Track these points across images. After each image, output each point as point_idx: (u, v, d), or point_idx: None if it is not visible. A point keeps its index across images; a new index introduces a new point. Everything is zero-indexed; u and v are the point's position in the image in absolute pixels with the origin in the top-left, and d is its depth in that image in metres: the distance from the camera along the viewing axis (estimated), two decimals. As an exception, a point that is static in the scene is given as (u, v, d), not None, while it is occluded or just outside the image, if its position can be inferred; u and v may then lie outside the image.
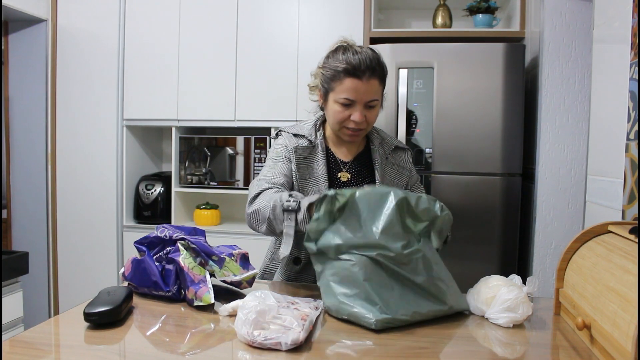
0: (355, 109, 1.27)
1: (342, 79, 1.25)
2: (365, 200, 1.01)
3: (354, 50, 1.27)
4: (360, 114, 1.27)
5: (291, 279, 1.37)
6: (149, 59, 2.76)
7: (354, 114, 1.27)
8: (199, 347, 0.88)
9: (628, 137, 1.36)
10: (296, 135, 1.37)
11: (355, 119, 1.27)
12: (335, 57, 1.28)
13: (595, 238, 1.03)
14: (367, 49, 1.29)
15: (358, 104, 1.26)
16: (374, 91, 1.27)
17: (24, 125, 2.85)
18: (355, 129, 1.29)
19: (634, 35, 1.34)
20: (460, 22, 2.77)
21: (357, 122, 1.27)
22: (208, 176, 2.79)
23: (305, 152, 1.35)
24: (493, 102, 2.24)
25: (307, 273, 1.36)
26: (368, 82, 1.25)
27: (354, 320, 0.98)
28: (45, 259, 2.85)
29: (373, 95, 1.27)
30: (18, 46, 2.82)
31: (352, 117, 1.27)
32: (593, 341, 0.87)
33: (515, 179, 2.25)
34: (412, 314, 0.98)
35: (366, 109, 1.28)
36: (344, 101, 1.26)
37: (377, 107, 1.31)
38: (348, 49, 1.28)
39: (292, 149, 1.33)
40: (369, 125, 1.32)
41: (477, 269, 2.20)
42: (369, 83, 1.25)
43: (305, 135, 1.36)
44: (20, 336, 0.90)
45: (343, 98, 1.26)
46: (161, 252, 1.16)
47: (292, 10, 2.61)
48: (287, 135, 1.37)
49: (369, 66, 1.24)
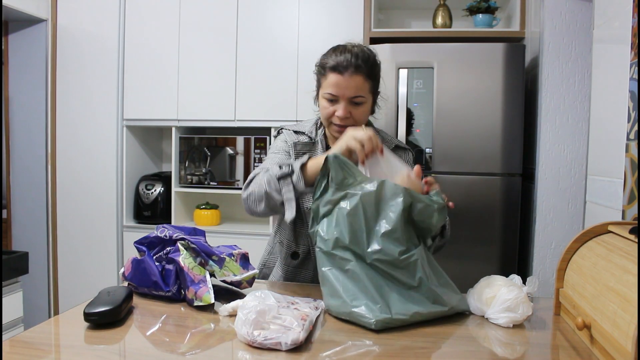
0: (339, 104, 1.28)
1: (326, 75, 1.28)
2: (374, 195, 1.01)
3: (345, 49, 1.29)
4: (344, 110, 1.27)
5: (289, 273, 1.38)
6: (149, 59, 2.76)
7: (338, 110, 1.28)
8: (199, 347, 0.88)
9: (628, 137, 1.36)
10: (297, 133, 1.39)
11: (339, 114, 1.28)
12: (327, 54, 1.31)
13: (595, 238, 1.03)
14: (361, 47, 1.31)
15: (341, 99, 1.28)
16: (358, 87, 1.27)
17: (24, 125, 2.85)
18: (341, 125, 1.30)
19: (634, 35, 1.34)
20: (460, 22, 2.77)
21: (340, 118, 1.28)
22: (208, 176, 2.79)
23: (305, 148, 1.36)
24: (493, 102, 2.24)
25: (305, 268, 1.37)
26: (351, 78, 1.26)
27: (353, 320, 0.98)
28: (45, 259, 2.85)
29: (356, 92, 1.27)
30: (18, 46, 2.82)
31: (336, 113, 1.29)
32: (593, 341, 0.87)
33: (515, 179, 2.25)
34: (412, 315, 0.98)
35: (352, 106, 1.29)
36: (328, 96, 1.29)
37: (364, 104, 1.30)
38: (341, 47, 1.30)
39: (291, 144, 1.36)
40: (356, 122, 1.31)
41: (477, 269, 2.20)
42: (351, 79, 1.26)
43: (306, 132, 1.38)
44: (20, 336, 0.90)
45: (327, 93, 1.28)
46: (161, 252, 1.16)
47: (292, 10, 2.61)
48: (288, 132, 1.40)
49: (353, 62, 1.26)
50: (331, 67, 1.27)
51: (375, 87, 1.34)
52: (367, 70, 1.28)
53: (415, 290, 1.00)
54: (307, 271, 1.37)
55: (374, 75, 1.31)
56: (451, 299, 1.03)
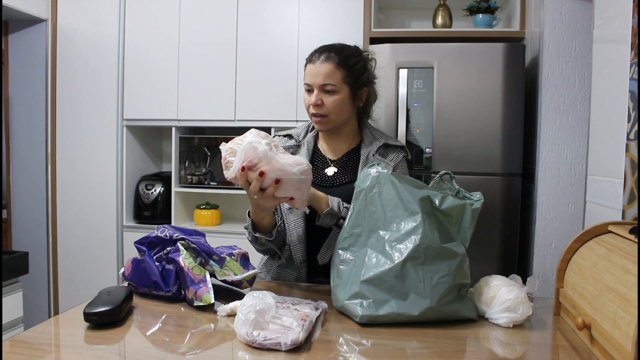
0: (313, 93, 1.31)
1: (305, 67, 1.35)
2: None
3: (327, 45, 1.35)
4: (315, 98, 1.30)
5: (274, 272, 1.39)
6: (149, 59, 2.76)
7: (311, 98, 1.31)
8: (199, 347, 0.88)
9: (628, 137, 1.36)
10: (286, 136, 1.44)
11: (311, 102, 1.31)
12: None
13: (595, 238, 1.03)
14: (345, 44, 1.36)
15: (314, 87, 1.31)
16: (327, 74, 1.29)
17: (24, 125, 2.85)
18: (317, 114, 1.32)
19: (634, 35, 1.34)
20: (460, 22, 2.77)
21: (312, 105, 1.31)
22: (208, 176, 2.78)
23: (289, 151, 1.38)
24: (493, 102, 2.24)
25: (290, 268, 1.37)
26: (321, 65, 1.30)
27: (344, 313, 1.01)
28: (45, 259, 2.85)
29: (326, 79, 1.29)
30: (18, 46, 2.82)
31: (310, 102, 1.32)
32: (593, 341, 0.87)
33: (515, 179, 2.25)
34: (419, 314, 0.98)
35: (324, 94, 1.31)
36: (305, 87, 1.34)
37: (337, 93, 1.31)
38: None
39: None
40: (330, 112, 1.32)
41: (477, 269, 2.18)
42: (321, 66, 1.30)
43: (294, 136, 1.43)
44: (20, 336, 0.90)
45: (304, 84, 1.34)
46: (161, 252, 1.16)
47: (292, 10, 2.60)
48: (278, 138, 1.45)
49: (323, 50, 1.32)
50: (307, 59, 1.34)
51: (352, 77, 1.33)
52: (338, 58, 1.31)
53: (415, 292, 1.00)
54: (291, 272, 1.37)
55: (349, 65, 1.32)
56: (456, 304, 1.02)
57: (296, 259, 1.33)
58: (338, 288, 1.05)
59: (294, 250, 1.32)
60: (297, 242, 1.32)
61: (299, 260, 1.32)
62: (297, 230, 1.32)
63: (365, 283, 0.99)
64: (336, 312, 1.05)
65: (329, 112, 1.32)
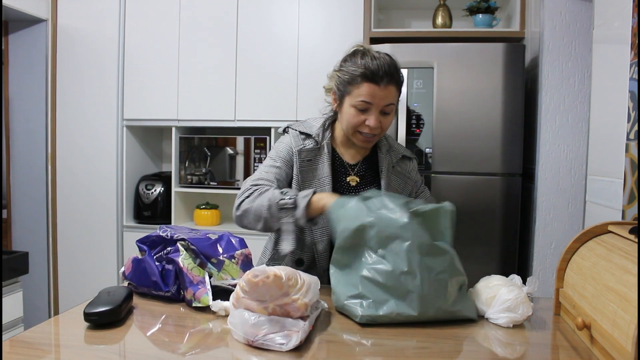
0: (370, 114, 1.27)
1: (359, 84, 1.25)
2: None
3: (372, 56, 1.26)
4: (375, 120, 1.26)
5: None
6: (149, 59, 2.76)
7: (369, 119, 1.26)
8: (198, 347, 0.88)
9: (628, 137, 1.36)
10: (302, 134, 1.36)
11: (370, 124, 1.26)
12: (353, 60, 1.27)
13: (595, 238, 1.03)
14: (385, 55, 1.29)
15: (374, 109, 1.26)
16: (391, 97, 1.27)
17: (24, 125, 2.85)
18: (369, 134, 1.29)
19: (634, 35, 1.34)
20: (460, 22, 2.77)
21: (371, 128, 1.27)
22: (208, 176, 2.79)
23: (310, 154, 1.34)
24: (493, 102, 2.24)
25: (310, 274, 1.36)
26: (386, 88, 1.25)
27: (344, 313, 1.01)
28: (45, 259, 2.85)
29: (389, 101, 1.27)
30: (18, 46, 2.82)
31: (367, 122, 1.27)
32: (593, 341, 0.87)
33: (515, 179, 2.25)
34: (419, 314, 0.98)
35: (381, 115, 1.28)
36: (360, 105, 1.26)
37: (392, 113, 1.31)
38: (366, 53, 1.27)
39: (296, 152, 1.34)
40: (383, 131, 1.31)
41: (477, 269, 2.18)
42: (386, 89, 1.25)
43: (313, 135, 1.36)
44: (20, 336, 0.90)
45: (360, 102, 1.26)
46: (162, 252, 1.16)
47: (292, 10, 2.60)
48: (294, 134, 1.37)
49: (387, 72, 1.24)
50: (365, 76, 1.24)
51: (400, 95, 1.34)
52: (398, 79, 1.28)
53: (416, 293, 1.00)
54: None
55: (401, 84, 1.32)
56: (456, 303, 1.02)
57: (320, 267, 1.33)
58: (338, 288, 1.05)
59: (318, 259, 1.33)
60: (323, 251, 1.32)
61: (323, 268, 1.32)
62: (323, 239, 1.32)
63: (365, 283, 0.99)
64: (336, 312, 1.05)
65: (382, 132, 1.31)
